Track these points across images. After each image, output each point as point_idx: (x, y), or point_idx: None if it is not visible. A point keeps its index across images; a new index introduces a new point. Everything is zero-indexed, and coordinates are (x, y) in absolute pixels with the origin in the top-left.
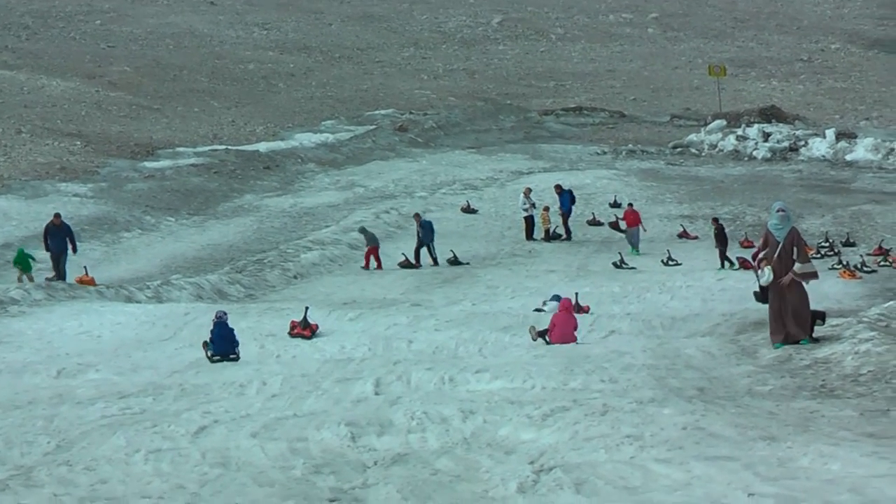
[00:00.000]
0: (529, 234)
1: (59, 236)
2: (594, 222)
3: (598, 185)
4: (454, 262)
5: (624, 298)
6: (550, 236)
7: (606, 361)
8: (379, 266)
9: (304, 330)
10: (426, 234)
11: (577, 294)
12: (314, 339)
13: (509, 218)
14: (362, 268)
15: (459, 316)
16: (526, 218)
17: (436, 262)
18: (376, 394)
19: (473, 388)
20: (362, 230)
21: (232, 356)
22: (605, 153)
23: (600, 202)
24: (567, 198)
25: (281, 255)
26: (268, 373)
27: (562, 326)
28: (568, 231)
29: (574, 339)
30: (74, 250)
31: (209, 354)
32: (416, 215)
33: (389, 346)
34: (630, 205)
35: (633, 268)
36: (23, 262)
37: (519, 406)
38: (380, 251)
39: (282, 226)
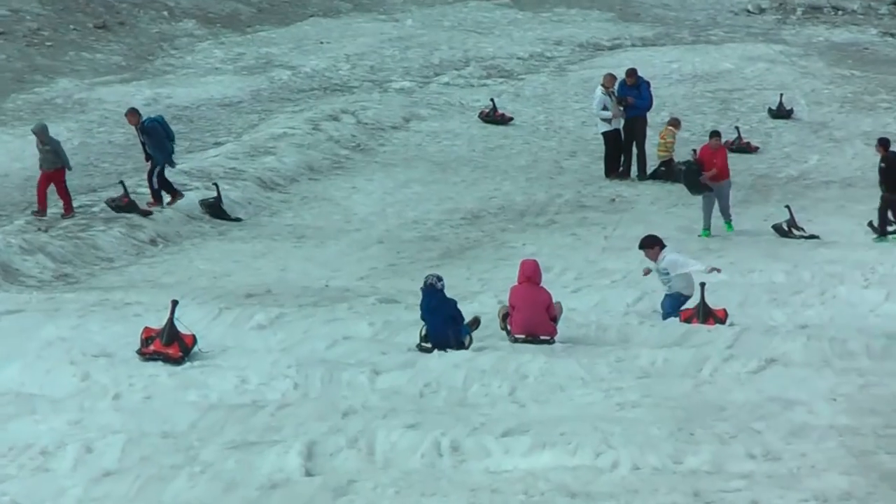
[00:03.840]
0: (614, 166)
1: None
2: (738, 147)
3: (746, 74)
4: (215, 209)
5: (795, 296)
6: (657, 174)
7: (759, 418)
8: (68, 209)
9: (169, 347)
10: (155, 144)
11: (703, 286)
12: (187, 365)
13: (573, 134)
14: (35, 213)
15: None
16: (606, 134)
17: (161, 201)
18: (308, 474)
19: (498, 465)
20: (40, 130)
21: (454, 347)
22: (762, 11)
23: (751, 107)
24: (647, 92)
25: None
26: (96, 428)
27: (526, 307)
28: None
29: (551, 331)
30: None
31: (420, 341)
32: (132, 111)
33: (335, 379)
34: (716, 133)
35: (813, 236)
36: None
37: None
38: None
39: (130, 140)
